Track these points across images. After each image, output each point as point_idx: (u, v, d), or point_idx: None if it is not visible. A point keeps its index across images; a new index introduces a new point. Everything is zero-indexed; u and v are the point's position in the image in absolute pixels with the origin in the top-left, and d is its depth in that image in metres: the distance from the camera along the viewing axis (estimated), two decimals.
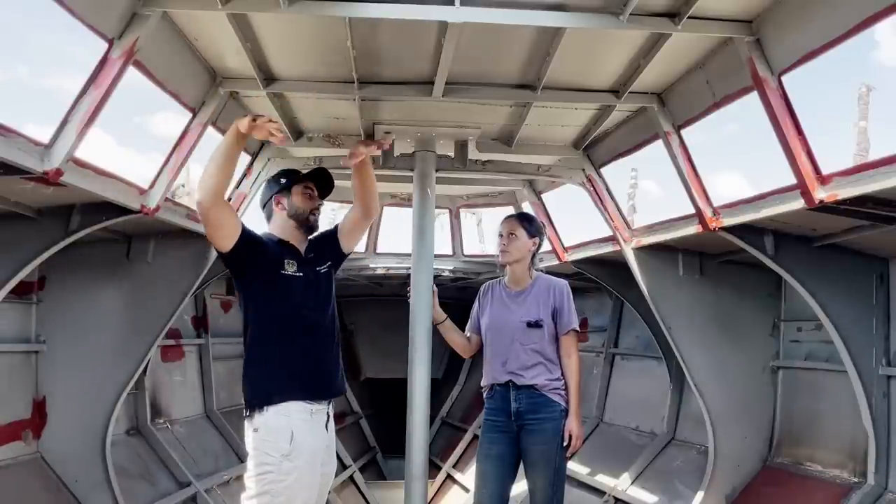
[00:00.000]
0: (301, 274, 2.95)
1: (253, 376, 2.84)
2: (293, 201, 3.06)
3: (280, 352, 2.84)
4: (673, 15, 3.02)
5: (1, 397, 4.32)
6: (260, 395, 2.79)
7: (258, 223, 3.18)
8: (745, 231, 4.02)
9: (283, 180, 3.10)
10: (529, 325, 3.53)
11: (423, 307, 4.01)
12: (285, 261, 2.93)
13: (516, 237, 3.63)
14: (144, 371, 5.21)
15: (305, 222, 3.08)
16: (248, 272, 2.90)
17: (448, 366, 9.57)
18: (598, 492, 6.04)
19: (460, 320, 3.90)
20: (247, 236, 2.86)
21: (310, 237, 3.15)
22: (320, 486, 2.91)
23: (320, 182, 3.17)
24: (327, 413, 2.95)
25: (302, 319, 2.92)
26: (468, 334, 3.84)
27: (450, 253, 7.66)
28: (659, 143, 4.21)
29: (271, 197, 3.10)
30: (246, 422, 2.83)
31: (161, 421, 5.70)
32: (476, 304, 3.83)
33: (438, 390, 9.29)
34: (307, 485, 2.78)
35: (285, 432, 2.73)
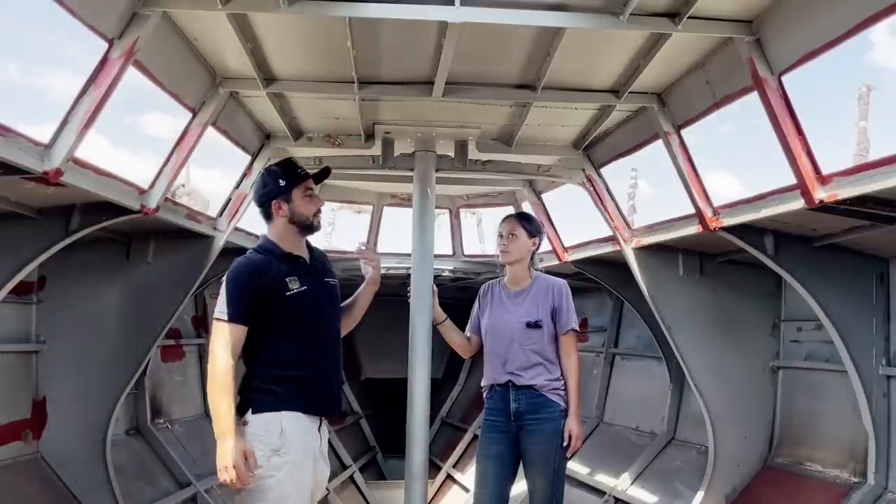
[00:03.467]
0: (305, 287, 2.85)
1: (255, 387, 2.77)
2: (294, 207, 2.91)
3: (291, 371, 2.79)
4: (673, 15, 3.02)
5: (1, 397, 4.32)
6: (262, 402, 2.74)
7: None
8: (745, 231, 4.02)
9: (281, 182, 2.92)
10: (528, 325, 3.52)
11: (423, 307, 4.01)
12: (286, 280, 2.82)
13: (516, 237, 3.63)
14: (144, 371, 5.21)
15: (309, 227, 2.97)
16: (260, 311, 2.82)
17: (448, 366, 9.57)
18: (598, 492, 6.05)
19: (460, 320, 3.90)
20: (250, 311, 2.74)
21: (313, 246, 3.07)
22: (312, 492, 2.85)
23: (318, 177, 3.07)
24: (320, 417, 2.90)
25: (310, 335, 2.86)
26: (468, 334, 3.83)
27: (450, 253, 7.67)
28: (659, 143, 4.21)
29: (270, 201, 2.93)
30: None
31: (161, 421, 5.70)
32: (476, 304, 3.83)
33: (438, 390, 9.29)
34: (298, 483, 2.74)
35: (275, 427, 2.71)
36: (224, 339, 2.69)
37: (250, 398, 2.78)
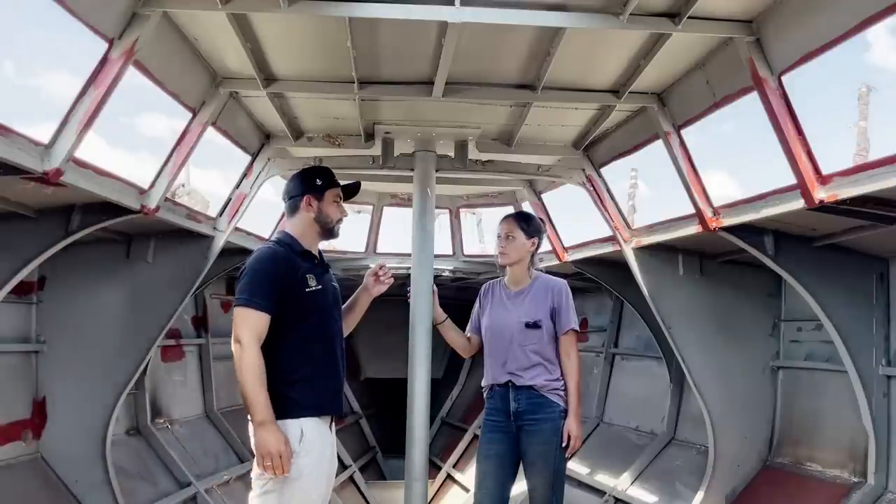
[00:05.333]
0: (320, 286, 2.87)
1: (271, 391, 2.70)
2: (324, 207, 2.96)
3: (307, 370, 2.79)
4: (673, 15, 3.02)
5: (1, 397, 4.32)
6: (281, 408, 2.70)
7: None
8: (745, 231, 4.02)
9: (318, 181, 2.98)
10: (528, 325, 3.52)
11: (423, 307, 4.01)
12: (307, 276, 2.83)
13: (514, 238, 3.61)
14: (144, 371, 5.21)
15: (329, 231, 3.01)
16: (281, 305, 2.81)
17: (448, 366, 9.57)
18: (598, 492, 6.05)
19: (460, 320, 3.90)
20: (276, 302, 2.71)
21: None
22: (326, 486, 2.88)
23: (347, 191, 3.11)
24: (331, 416, 2.92)
25: (324, 334, 2.87)
26: (468, 334, 3.83)
27: (450, 253, 7.67)
28: (659, 143, 4.21)
29: (302, 194, 2.95)
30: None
31: (161, 421, 5.70)
32: (477, 304, 3.82)
33: (438, 390, 9.29)
34: (315, 484, 2.76)
35: (295, 431, 2.71)
36: (251, 328, 2.66)
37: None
